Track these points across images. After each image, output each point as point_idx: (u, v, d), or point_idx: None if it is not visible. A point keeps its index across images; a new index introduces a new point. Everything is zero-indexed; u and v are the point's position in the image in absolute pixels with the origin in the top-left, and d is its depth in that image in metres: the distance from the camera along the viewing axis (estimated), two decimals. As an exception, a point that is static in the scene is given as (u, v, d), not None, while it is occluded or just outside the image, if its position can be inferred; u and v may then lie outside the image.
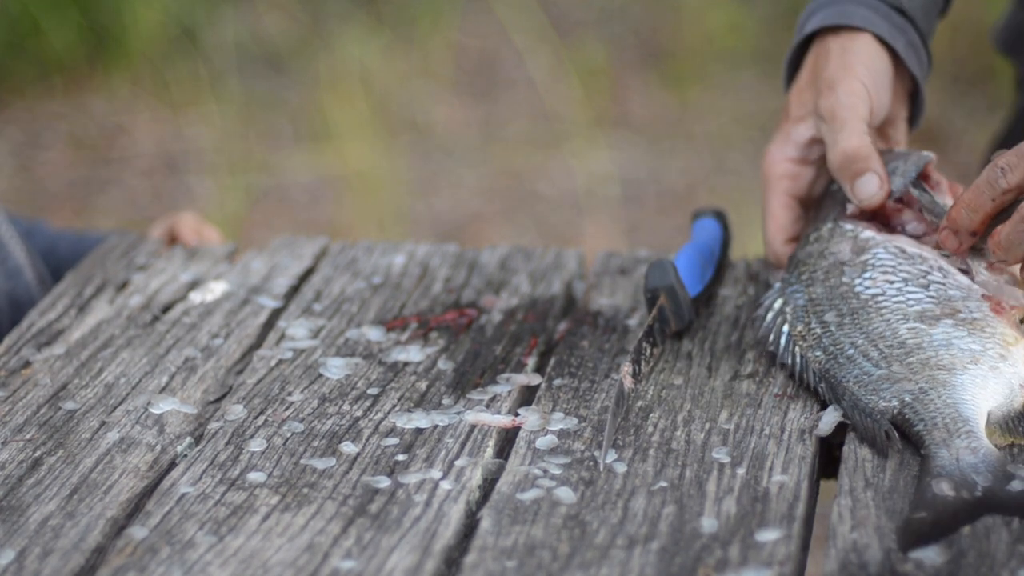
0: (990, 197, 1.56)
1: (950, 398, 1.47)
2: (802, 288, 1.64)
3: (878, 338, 1.56)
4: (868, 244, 1.65)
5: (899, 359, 1.53)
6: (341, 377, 1.63)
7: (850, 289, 1.61)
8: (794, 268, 1.67)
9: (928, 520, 1.34)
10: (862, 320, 1.58)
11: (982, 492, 1.36)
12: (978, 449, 1.40)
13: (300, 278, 1.88)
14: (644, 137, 4.62)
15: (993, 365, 1.50)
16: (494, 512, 1.39)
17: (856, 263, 1.64)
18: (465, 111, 4.77)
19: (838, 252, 1.65)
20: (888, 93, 1.73)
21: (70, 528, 1.38)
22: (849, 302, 1.60)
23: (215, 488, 1.44)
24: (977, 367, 1.50)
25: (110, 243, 1.97)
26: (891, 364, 1.52)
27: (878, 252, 1.64)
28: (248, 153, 4.53)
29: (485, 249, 1.93)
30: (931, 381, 1.49)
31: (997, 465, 1.39)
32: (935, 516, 1.34)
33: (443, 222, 4.28)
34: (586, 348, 1.68)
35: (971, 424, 1.44)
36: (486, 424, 1.53)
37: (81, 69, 4.87)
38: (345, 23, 4.96)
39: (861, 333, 1.57)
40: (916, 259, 1.62)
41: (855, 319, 1.58)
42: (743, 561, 1.31)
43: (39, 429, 1.55)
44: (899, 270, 1.62)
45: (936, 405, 1.46)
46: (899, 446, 1.45)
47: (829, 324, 1.59)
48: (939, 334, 1.54)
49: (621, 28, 5.13)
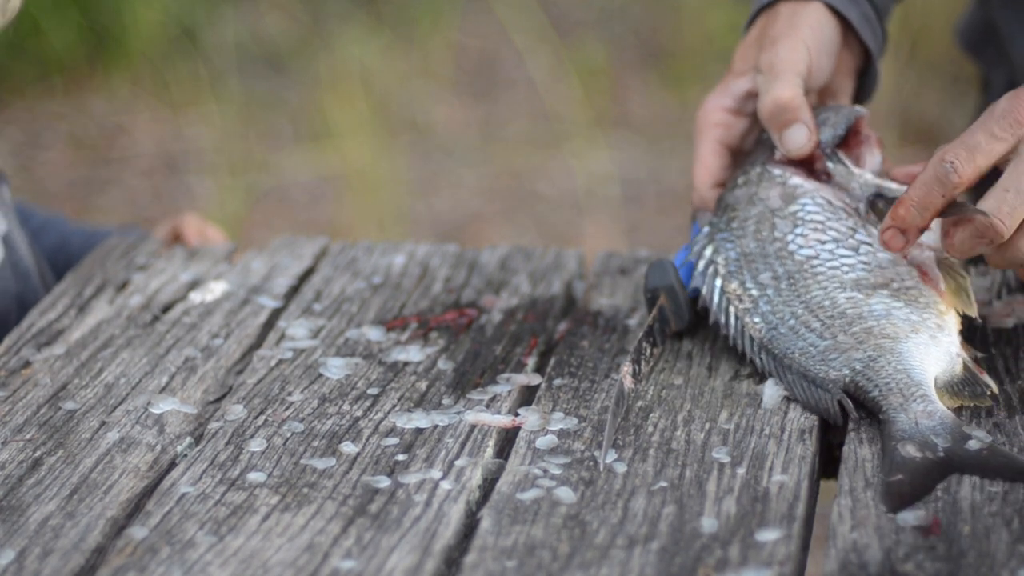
0: (940, 193, 1.55)
1: (900, 364, 1.51)
2: (733, 238, 1.66)
3: (818, 308, 1.58)
4: (796, 192, 1.67)
5: (842, 329, 1.56)
6: (341, 377, 1.63)
7: (784, 248, 1.63)
8: (723, 212, 1.69)
9: (906, 481, 1.39)
10: (799, 287, 1.60)
11: (944, 453, 1.42)
12: (934, 412, 1.46)
13: (300, 278, 1.88)
14: (644, 137, 4.62)
15: (932, 335, 1.55)
16: (494, 512, 1.39)
17: (786, 214, 1.65)
18: (465, 111, 4.77)
19: (767, 199, 1.67)
20: (830, 60, 1.74)
21: (70, 528, 1.38)
22: (784, 263, 1.62)
23: (215, 488, 1.44)
24: (918, 336, 1.54)
25: (110, 243, 1.97)
26: (835, 335, 1.55)
27: (807, 204, 1.65)
28: (248, 153, 4.54)
29: (485, 249, 1.93)
30: (879, 349, 1.53)
31: (953, 427, 1.45)
32: (910, 477, 1.39)
33: (443, 222, 4.28)
34: (586, 348, 1.68)
35: (924, 388, 1.49)
36: (486, 424, 1.53)
37: (81, 69, 4.87)
38: (345, 23, 4.96)
39: (800, 302, 1.59)
40: (841, 214, 1.65)
41: (792, 285, 1.60)
42: (743, 561, 1.31)
43: (39, 429, 1.55)
44: (828, 227, 1.64)
45: (888, 371, 1.50)
46: (854, 414, 1.49)
47: (766, 287, 1.61)
48: (878, 304, 1.57)
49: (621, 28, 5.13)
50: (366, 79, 4.70)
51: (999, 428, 1.50)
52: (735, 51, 1.78)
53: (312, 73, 4.80)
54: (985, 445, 1.43)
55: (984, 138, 1.54)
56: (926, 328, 1.55)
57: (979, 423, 1.50)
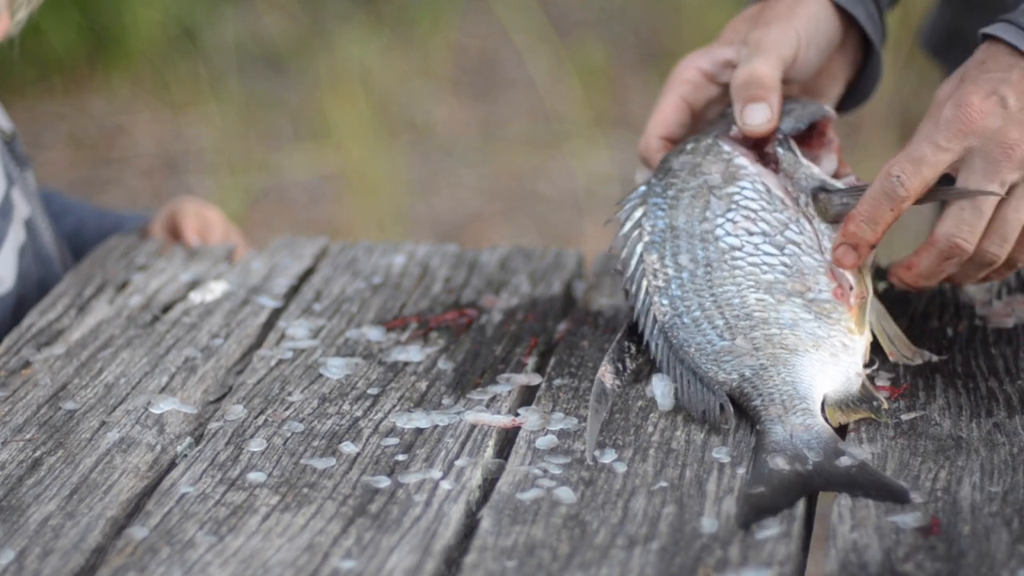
0: (889, 208, 1.56)
1: (789, 376, 1.51)
2: (665, 206, 1.64)
3: (726, 304, 1.57)
4: (738, 173, 1.65)
5: (743, 332, 1.55)
6: (341, 377, 1.63)
7: (711, 231, 1.61)
8: (663, 176, 1.67)
9: (766, 494, 1.38)
10: (714, 277, 1.59)
11: (813, 466, 1.41)
12: (812, 427, 1.45)
13: (300, 278, 1.88)
14: (644, 137, 4.62)
15: (834, 353, 1.54)
16: (494, 512, 1.39)
17: (723, 194, 1.64)
18: (465, 111, 4.77)
19: (709, 174, 1.65)
20: (820, 56, 1.72)
21: (70, 528, 1.38)
22: (707, 248, 1.61)
23: (215, 488, 1.44)
24: (819, 352, 1.53)
25: (110, 243, 1.97)
26: (735, 337, 1.55)
27: (744, 187, 1.64)
28: (248, 153, 4.53)
29: (485, 249, 1.93)
30: (772, 359, 1.52)
31: (828, 442, 1.44)
32: (771, 490, 1.39)
33: (443, 222, 4.28)
34: (586, 348, 1.68)
35: (807, 402, 1.48)
36: (486, 424, 1.53)
37: (81, 69, 4.87)
38: (345, 23, 4.96)
39: (711, 294, 1.58)
40: (778, 204, 1.63)
41: (708, 273, 1.59)
42: (743, 561, 1.31)
43: (39, 429, 1.55)
44: (760, 218, 1.62)
45: (775, 382, 1.50)
46: (733, 421, 1.49)
47: (682, 269, 1.60)
48: (787, 312, 1.56)
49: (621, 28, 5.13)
50: (366, 79, 4.70)
51: (999, 428, 1.50)
52: (729, 22, 1.76)
53: (312, 73, 4.79)
54: (856, 463, 1.41)
55: (930, 150, 1.53)
56: (828, 346, 1.54)
57: (979, 423, 1.50)
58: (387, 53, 4.84)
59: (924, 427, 1.50)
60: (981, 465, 1.44)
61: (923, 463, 1.45)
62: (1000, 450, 1.46)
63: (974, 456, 1.46)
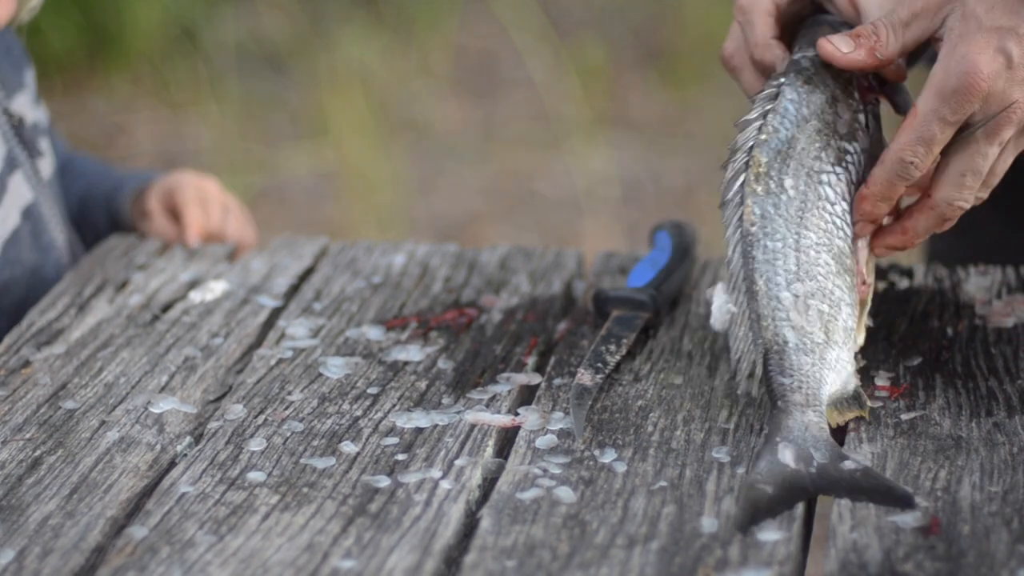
0: (902, 185, 1.55)
1: (819, 372, 1.49)
2: (794, 118, 1.58)
3: (803, 250, 1.55)
4: (857, 133, 1.60)
5: (803, 288, 1.52)
6: (341, 376, 1.63)
7: (819, 173, 1.57)
8: (803, 85, 1.59)
9: (768, 493, 1.38)
10: (807, 217, 1.55)
11: (816, 469, 1.40)
12: (823, 427, 1.45)
13: (300, 277, 1.88)
14: (644, 137, 4.62)
15: (851, 351, 1.53)
16: (494, 512, 1.39)
17: (839, 146, 1.59)
18: (465, 111, 4.77)
19: (839, 116, 1.59)
20: None
21: (70, 527, 1.38)
22: (810, 185, 1.56)
23: (215, 488, 1.44)
24: (840, 350, 1.52)
25: (110, 243, 1.97)
26: (795, 288, 1.53)
27: (856, 151, 1.59)
28: (248, 153, 4.53)
29: (485, 249, 1.93)
30: (812, 342, 1.51)
31: (833, 445, 1.43)
32: (776, 490, 1.38)
33: (443, 222, 4.28)
34: (586, 348, 1.68)
35: (822, 404, 1.48)
36: (486, 423, 1.53)
37: (81, 69, 4.87)
38: (345, 23, 4.96)
39: (795, 232, 1.55)
40: (863, 157, 1.60)
41: (802, 211, 1.56)
42: (743, 561, 1.31)
43: (39, 428, 1.55)
44: (853, 188, 1.58)
45: (806, 371, 1.49)
46: (749, 390, 1.52)
47: (784, 190, 1.55)
48: (837, 289, 1.54)
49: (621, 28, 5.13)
50: (366, 79, 4.70)
51: (999, 428, 1.50)
52: None
53: (312, 73, 4.80)
54: (860, 467, 1.40)
55: (939, 128, 1.51)
56: (848, 343, 1.53)
57: (979, 423, 1.50)
58: (387, 53, 4.84)
59: (924, 427, 1.50)
60: (981, 465, 1.44)
61: (923, 463, 1.45)
62: (1000, 450, 1.47)
63: (974, 456, 1.46)
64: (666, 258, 1.78)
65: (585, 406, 1.54)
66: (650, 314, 1.69)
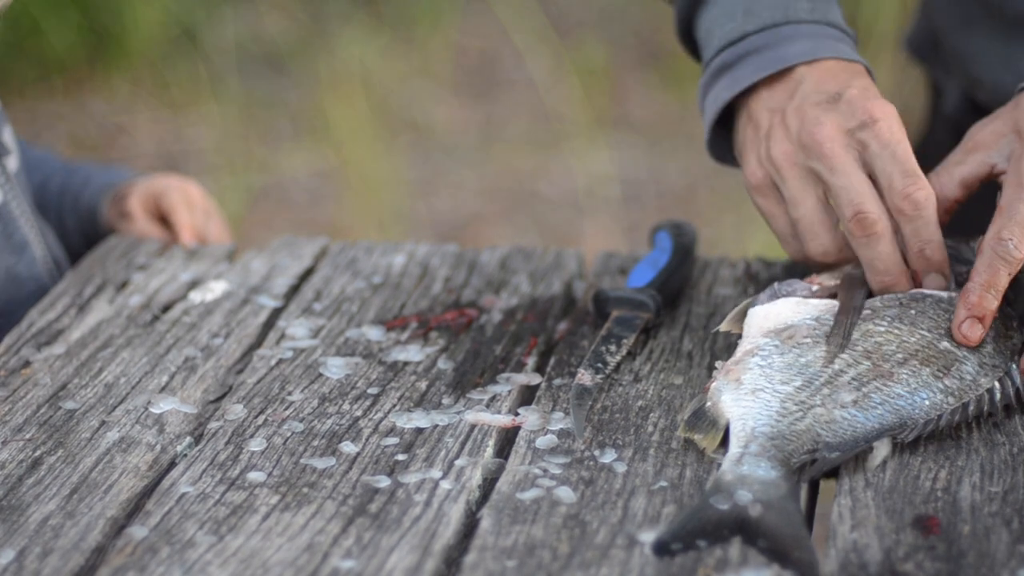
0: (1006, 272, 1.54)
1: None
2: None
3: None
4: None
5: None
6: (341, 377, 1.63)
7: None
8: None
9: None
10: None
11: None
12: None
13: (300, 278, 1.88)
14: (644, 137, 4.62)
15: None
16: (494, 512, 1.39)
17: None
18: (465, 111, 4.77)
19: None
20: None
21: (70, 528, 1.38)
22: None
23: (215, 488, 1.44)
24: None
25: (110, 243, 1.97)
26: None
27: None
28: (248, 153, 4.54)
29: (485, 249, 1.93)
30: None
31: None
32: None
33: (443, 222, 4.28)
34: (586, 348, 1.68)
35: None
36: (486, 424, 1.53)
37: (81, 69, 4.87)
38: (345, 23, 4.96)
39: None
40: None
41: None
42: (743, 561, 1.31)
43: (39, 429, 1.55)
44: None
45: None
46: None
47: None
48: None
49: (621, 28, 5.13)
50: (366, 79, 4.70)
51: (999, 428, 1.50)
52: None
53: (312, 73, 4.80)
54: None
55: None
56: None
57: (980, 423, 1.50)
58: (387, 53, 4.85)
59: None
60: (981, 465, 1.44)
61: (923, 463, 1.45)
62: (1000, 450, 1.47)
63: (974, 456, 1.46)
64: (666, 258, 1.78)
65: (585, 406, 1.54)
66: (650, 314, 1.69)
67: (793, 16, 1.66)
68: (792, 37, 1.64)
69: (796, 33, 1.65)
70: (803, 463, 1.42)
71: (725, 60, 1.66)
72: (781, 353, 1.52)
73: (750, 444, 1.42)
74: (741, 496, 1.35)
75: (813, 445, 1.43)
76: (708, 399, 1.49)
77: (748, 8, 1.66)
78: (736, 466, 1.40)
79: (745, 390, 1.48)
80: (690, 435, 1.48)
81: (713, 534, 1.33)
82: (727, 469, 1.39)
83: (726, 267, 1.85)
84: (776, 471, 1.39)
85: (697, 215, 4.09)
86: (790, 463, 1.41)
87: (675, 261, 1.78)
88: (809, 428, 1.45)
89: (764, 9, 1.66)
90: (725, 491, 1.36)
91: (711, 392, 1.50)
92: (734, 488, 1.36)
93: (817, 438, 1.44)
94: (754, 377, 1.50)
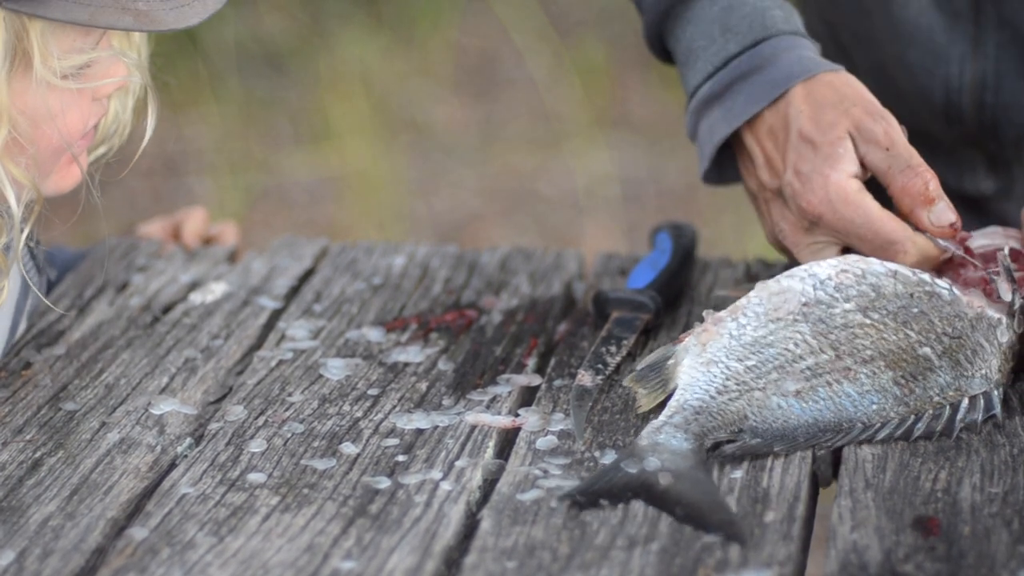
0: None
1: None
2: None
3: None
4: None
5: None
6: (341, 378, 1.63)
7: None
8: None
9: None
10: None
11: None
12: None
13: (300, 279, 1.88)
14: (644, 137, 4.62)
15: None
16: (494, 513, 1.39)
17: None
18: (465, 111, 4.77)
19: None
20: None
21: (70, 529, 1.38)
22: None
23: (215, 489, 1.44)
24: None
25: (110, 244, 1.97)
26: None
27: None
28: (248, 153, 4.53)
29: (485, 250, 1.93)
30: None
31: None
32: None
33: (443, 222, 4.28)
34: (586, 348, 1.68)
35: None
36: (486, 425, 1.53)
37: (81, 69, 4.86)
38: (345, 23, 4.96)
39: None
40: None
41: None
42: (743, 561, 1.31)
43: (39, 430, 1.55)
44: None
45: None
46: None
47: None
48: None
49: (621, 28, 5.13)
50: (366, 79, 4.70)
51: (999, 429, 1.50)
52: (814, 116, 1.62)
53: (312, 73, 4.79)
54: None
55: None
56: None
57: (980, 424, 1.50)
58: (387, 53, 4.84)
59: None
60: (981, 466, 1.44)
61: (923, 463, 1.45)
62: (1000, 451, 1.47)
63: (974, 457, 1.46)
64: (666, 259, 1.78)
65: (585, 407, 1.54)
66: (650, 315, 1.69)
67: (772, 27, 1.65)
68: (775, 56, 1.63)
69: (776, 50, 1.64)
70: (719, 442, 1.45)
71: (713, 90, 1.66)
72: (755, 328, 1.52)
73: (675, 415, 1.46)
74: (650, 463, 1.41)
75: (738, 427, 1.47)
76: (672, 356, 1.51)
77: (725, 24, 1.65)
78: (654, 434, 1.44)
79: (703, 360, 1.50)
80: (634, 386, 1.50)
81: (617, 495, 1.39)
82: (645, 435, 1.44)
83: (726, 268, 1.85)
84: (688, 443, 1.43)
85: (697, 215, 4.09)
86: (704, 439, 1.44)
87: (675, 262, 1.78)
88: (740, 410, 1.47)
89: (742, 23, 1.65)
90: (637, 456, 1.42)
91: (679, 349, 1.51)
92: (646, 454, 1.42)
93: (743, 421, 1.47)
94: (716, 348, 1.51)
